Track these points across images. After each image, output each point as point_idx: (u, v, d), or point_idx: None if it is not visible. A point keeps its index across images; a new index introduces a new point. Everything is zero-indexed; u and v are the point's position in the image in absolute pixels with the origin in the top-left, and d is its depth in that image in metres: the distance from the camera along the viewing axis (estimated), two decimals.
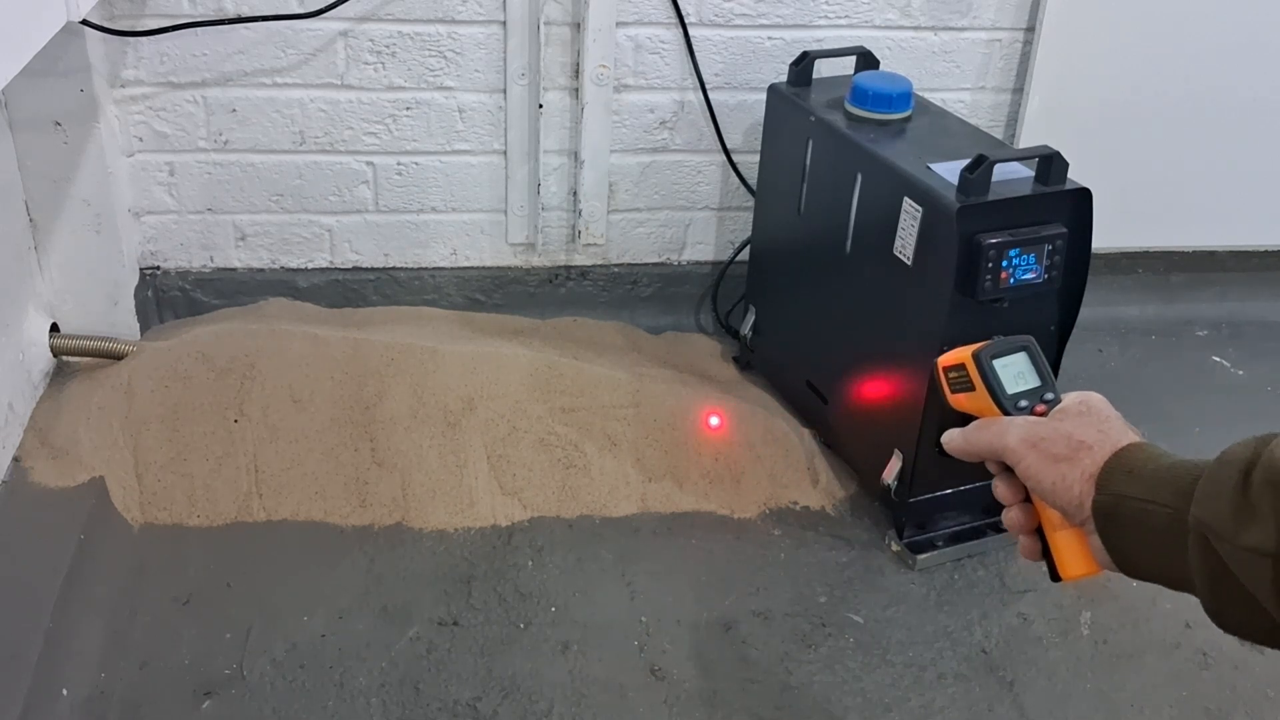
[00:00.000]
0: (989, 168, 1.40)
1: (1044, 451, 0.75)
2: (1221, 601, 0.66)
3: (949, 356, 0.86)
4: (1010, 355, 0.83)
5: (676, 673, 1.42)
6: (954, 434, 0.83)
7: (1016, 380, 0.82)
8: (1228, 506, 0.63)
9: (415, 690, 1.37)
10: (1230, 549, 0.63)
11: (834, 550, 1.63)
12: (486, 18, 1.78)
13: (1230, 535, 0.63)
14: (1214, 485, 0.65)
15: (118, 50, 1.70)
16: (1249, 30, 1.96)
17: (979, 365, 0.83)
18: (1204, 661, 1.50)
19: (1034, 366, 0.83)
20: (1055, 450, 0.75)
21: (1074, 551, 0.78)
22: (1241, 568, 0.63)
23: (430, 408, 1.71)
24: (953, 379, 0.86)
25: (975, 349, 0.83)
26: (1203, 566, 0.65)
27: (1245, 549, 0.62)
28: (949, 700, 1.41)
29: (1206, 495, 0.65)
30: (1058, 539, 0.78)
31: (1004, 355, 0.83)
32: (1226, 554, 0.63)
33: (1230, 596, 0.64)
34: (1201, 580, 0.66)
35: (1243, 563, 0.62)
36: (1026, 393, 0.82)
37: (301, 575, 1.51)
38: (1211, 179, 2.08)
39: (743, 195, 1.99)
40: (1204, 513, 0.65)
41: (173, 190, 1.84)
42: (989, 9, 1.92)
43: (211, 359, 1.72)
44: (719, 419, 1.76)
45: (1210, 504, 0.65)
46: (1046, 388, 0.82)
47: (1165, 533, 0.68)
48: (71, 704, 1.29)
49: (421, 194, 1.91)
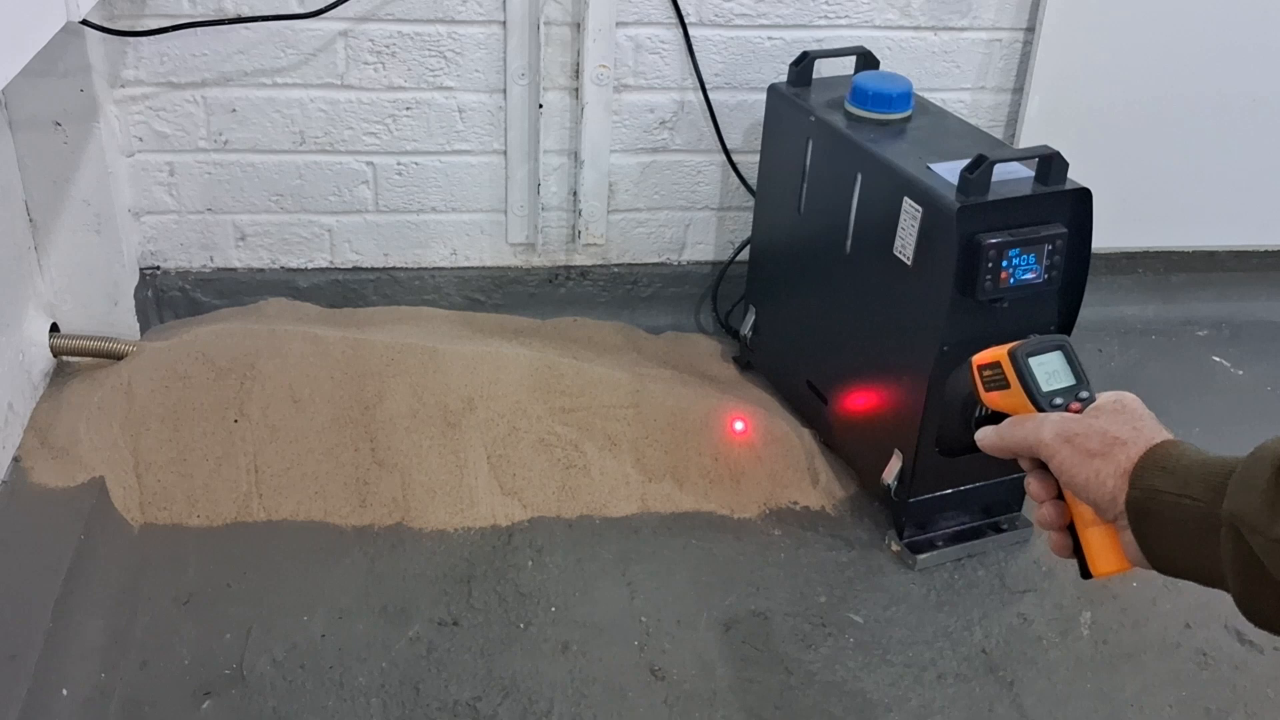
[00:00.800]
0: (989, 168, 1.40)
1: (1078, 447, 0.76)
2: (1253, 594, 0.66)
3: (984, 355, 0.87)
4: (1046, 354, 0.84)
5: (676, 673, 1.42)
6: (988, 431, 0.83)
7: (1052, 378, 0.83)
8: (1261, 499, 0.64)
9: (415, 690, 1.37)
10: (1263, 541, 0.64)
11: (834, 550, 1.63)
12: (486, 18, 1.78)
13: (1264, 528, 0.63)
14: (1247, 479, 0.66)
15: (118, 50, 1.70)
16: (1249, 30, 1.96)
17: (1015, 363, 0.83)
18: (1204, 661, 1.50)
19: (1069, 365, 0.83)
20: (1090, 446, 0.75)
21: (1105, 548, 0.78)
22: (1274, 559, 0.63)
23: (430, 408, 1.71)
24: (987, 377, 0.86)
25: (1011, 347, 0.84)
26: (1235, 559, 0.66)
27: (1278, 541, 0.63)
28: (949, 700, 1.41)
29: (1239, 489, 0.66)
30: (1089, 535, 0.79)
31: (1040, 353, 0.83)
32: (1259, 546, 0.64)
33: (1262, 589, 0.65)
34: (1233, 573, 0.67)
35: (1275, 554, 0.63)
36: (1062, 390, 0.82)
37: (301, 575, 1.51)
38: (1211, 179, 2.08)
39: (743, 195, 1.99)
40: (1237, 506, 0.65)
41: (173, 190, 1.84)
42: (989, 9, 1.92)
43: (211, 359, 1.72)
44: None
45: (1243, 497, 0.65)
46: (1081, 386, 0.82)
47: (1198, 527, 0.68)
48: (71, 704, 1.29)
49: (421, 194, 1.91)
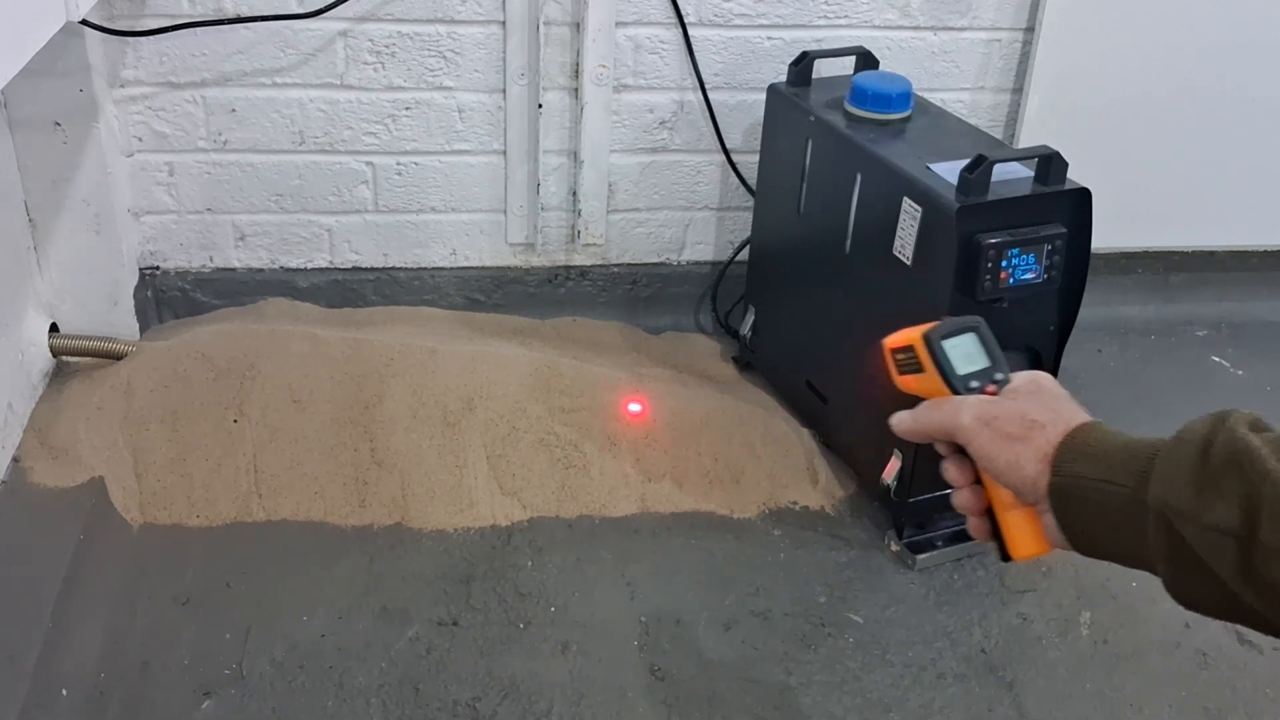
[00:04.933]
0: (988, 168, 1.40)
1: (997, 430, 0.74)
2: (1184, 579, 0.65)
3: (896, 338, 0.84)
4: (960, 336, 0.81)
5: (676, 673, 1.42)
6: (903, 415, 0.81)
7: (966, 361, 0.81)
8: (1189, 485, 0.63)
9: (415, 690, 1.37)
10: (1194, 530, 0.63)
11: (834, 550, 1.63)
12: (486, 18, 1.78)
13: (1193, 514, 0.63)
14: (1173, 464, 0.65)
15: (117, 50, 1.70)
16: (1249, 30, 1.96)
17: (929, 346, 0.81)
18: (1203, 661, 1.50)
19: (983, 347, 0.81)
20: (1009, 429, 0.74)
21: (1026, 531, 0.76)
22: (1204, 547, 0.63)
23: (430, 408, 1.71)
24: (900, 360, 0.84)
25: (924, 330, 0.82)
26: (1164, 547, 0.65)
27: (1208, 528, 0.62)
28: (949, 700, 1.41)
29: (1166, 474, 0.65)
30: (1009, 519, 0.77)
31: (953, 336, 0.81)
32: (1190, 535, 0.63)
33: (1192, 574, 0.64)
34: (1163, 560, 0.66)
35: (1205, 542, 0.62)
36: (977, 373, 0.80)
37: (301, 575, 1.51)
38: (1211, 179, 2.08)
39: (742, 195, 1.99)
40: (1164, 492, 0.65)
41: (172, 190, 1.84)
42: (988, 9, 1.92)
43: (211, 359, 1.72)
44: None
45: (1170, 483, 0.65)
46: (997, 368, 0.81)
47: (1123, 512, 0.67)
48: (71, 704, 1.29)
49: (421, 194, 1.91)
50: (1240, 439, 0.63)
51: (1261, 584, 0.61)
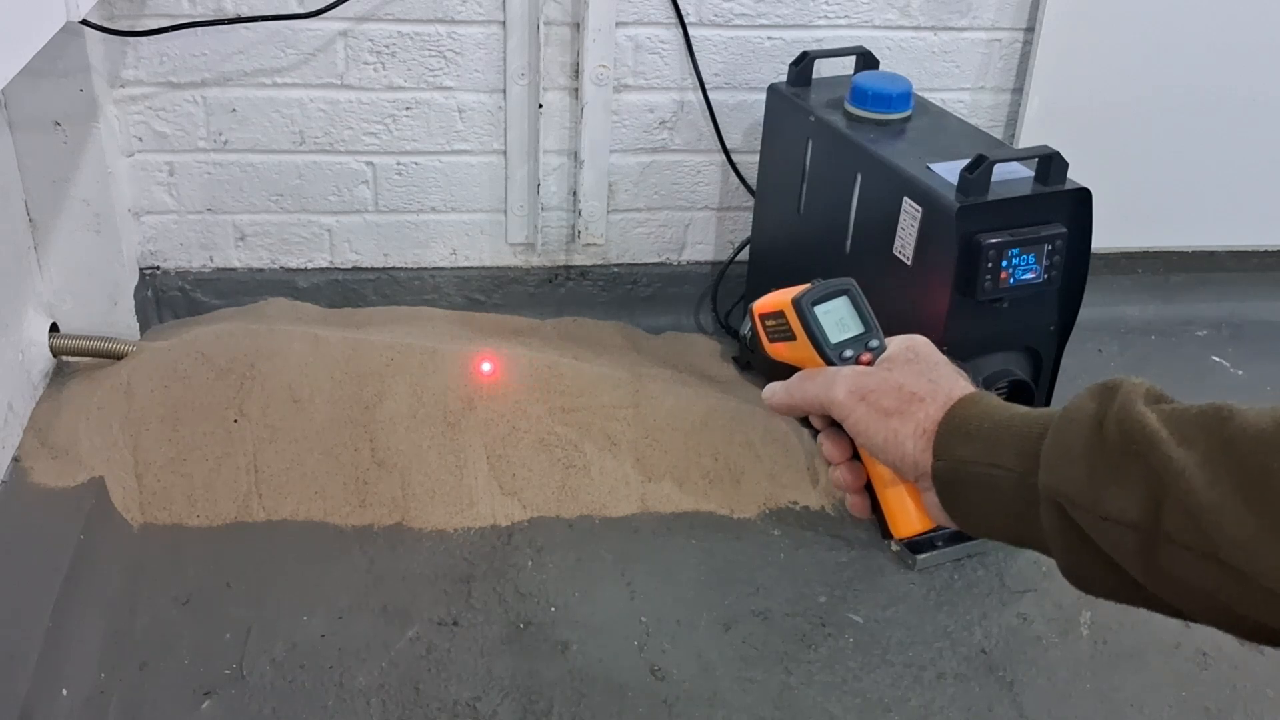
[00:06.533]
0: (989, 168, 1.40)
1: (873, 404, 0.69)
2: (1080, 565, 0.61)
3: (765, 302, 0.79)
4: (832, 300, 0.76)
5: (676, 673, 1.42)
6: (775, 387, 0.76)
7: (839, 327, 0.76)
8: (1082, 472, 0.58)
9: (415, 690, 1.37)
10: (1090, 519, 0.58)
11: (834, 550, 1.63)
12: (486, 18, 1.78)
13: (1088, 503, 0.58)
14: (1062, 448, 0.60)
15: (117, 50, 1.70)
16: (1249, 29, 1.96)
17: (799, 312, 0.76)
18: (1204, 661, 1.50)
19: (856, 312, 0.76)
20: (885, 404, 0.69)
21: (906, 508, 0.72)
22: (1102, 536, 0.58)
23: (430, 408, 1.71)
24: (770, 327, 0.79)
25: (795, 293, 0.77)
26: (1059, 533, 0.60)
27: (1105, 518, 0.57)
28: (949, 700, 1.41)
29: (1056, 459, 0.60)
30: (889, 496, 0.73)
31: (825, 300, 0.76)
32: (1085, 523, 0.59)
33: (1089, 561, 0.60)
34: (1058, 547, 0.61)
35: (1103, 531, 0.58)
36: (850, 340, 0.75)
37: (301, 575, 1.51)
38: (1211, 179, 2.08)
39: (742, 195, 1.99)
40: (1056, 480, 0.59)
41: (172, 190, 1.84)
42: (989, 9, 1.92)
43: (211, 359, 1.72)
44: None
45: (1062, 469, 0.59)
46: (871, 334, 0.76)
47: (1013, 496, 0.63)
48: (71, 704, 1.29)
49: (421, 194, 1.91)
50: (1136, 417, 0.57)
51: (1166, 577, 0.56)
